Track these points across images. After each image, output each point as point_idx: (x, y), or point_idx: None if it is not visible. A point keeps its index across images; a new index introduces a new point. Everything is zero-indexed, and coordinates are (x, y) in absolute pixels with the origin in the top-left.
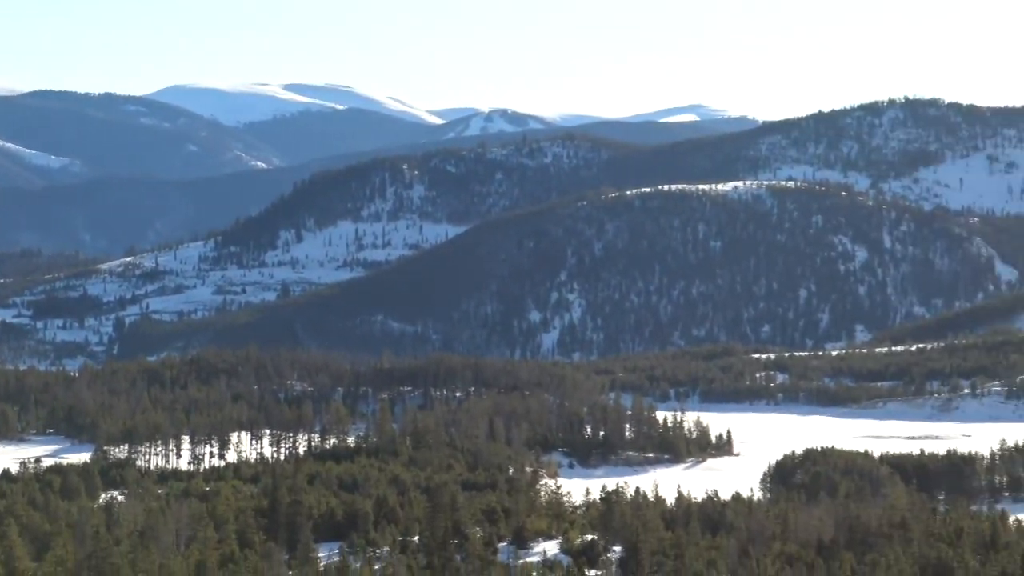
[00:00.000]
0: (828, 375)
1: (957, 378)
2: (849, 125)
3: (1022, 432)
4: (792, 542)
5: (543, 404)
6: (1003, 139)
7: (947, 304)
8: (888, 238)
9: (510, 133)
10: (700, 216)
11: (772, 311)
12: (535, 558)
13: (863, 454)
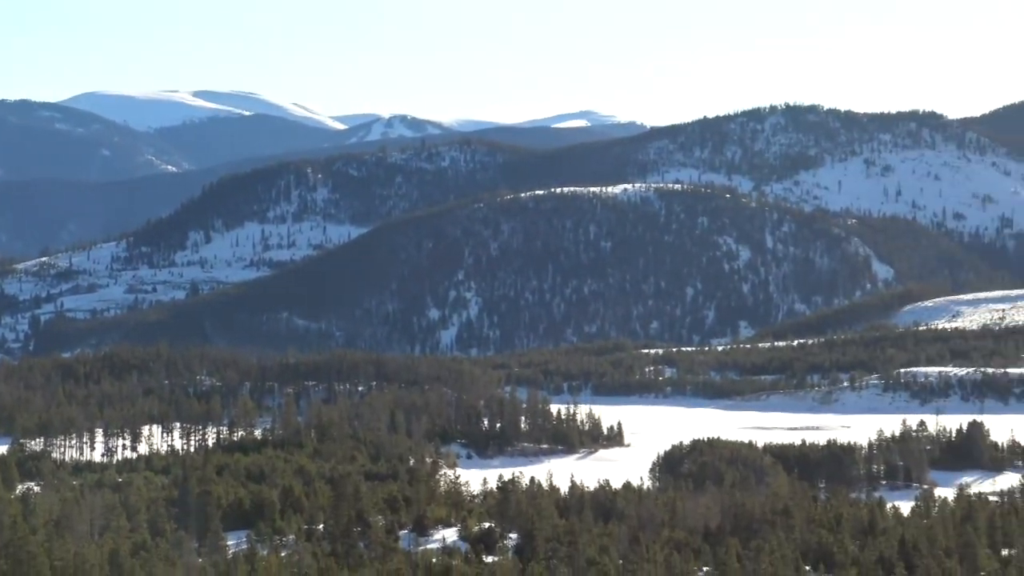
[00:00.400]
0: (714, 369)
1: (836, 372)
2: (733, 130)
3: (898, 423)
4: (680, 529)
5: (442, 398)
6: (879, 144)
7: (827, 301)
8: (770, 238)
9: (409, 138)
10: (591, 217)
11: (660, 308)
12: (435, 545)
13: (747, 445)
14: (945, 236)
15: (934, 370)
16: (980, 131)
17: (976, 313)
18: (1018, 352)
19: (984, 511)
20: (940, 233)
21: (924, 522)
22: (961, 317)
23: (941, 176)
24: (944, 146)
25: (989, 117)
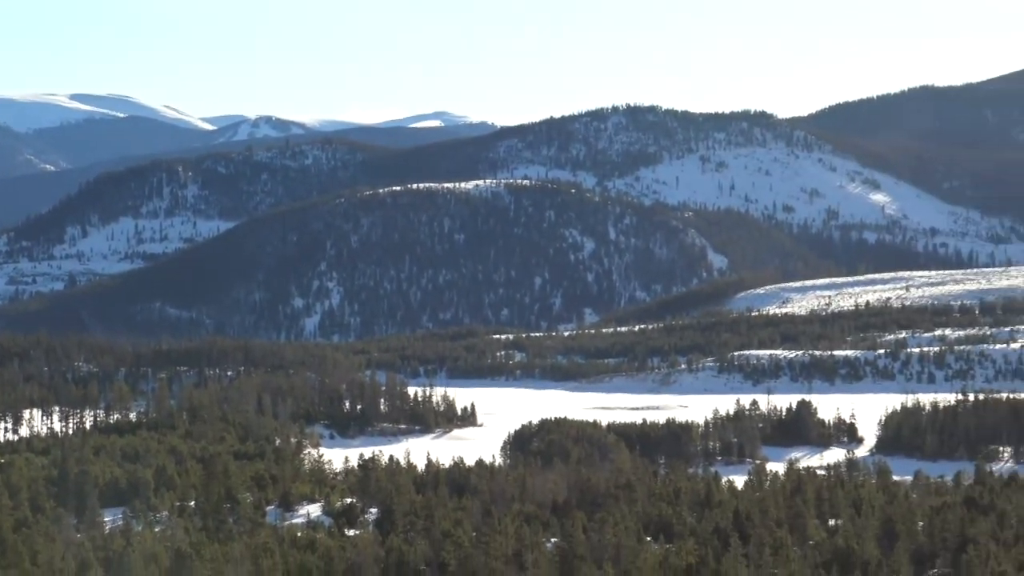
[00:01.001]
0: (561, 353)
1: (675, 355)
2: (577, 129)
3: (732, 402)
4: (530, 503)
5: (306, 381)
6: (714, 142)
7: (666, 289)
8: (613, 230)
9: (275, 138)
10: (445, 212)
11: (510, 296)
12: (300, 520)
13: (592, 423)
14: (775, 228)
15: (765, 353)
16: (807, 130)
17: (804, 299)
18: (843, 336)
19: (812, 484)
20: (771, 225)
21: (757, 495)
22: (790, 303)
23: (772, 172)
24: (774, 144)
25: (815, 117)
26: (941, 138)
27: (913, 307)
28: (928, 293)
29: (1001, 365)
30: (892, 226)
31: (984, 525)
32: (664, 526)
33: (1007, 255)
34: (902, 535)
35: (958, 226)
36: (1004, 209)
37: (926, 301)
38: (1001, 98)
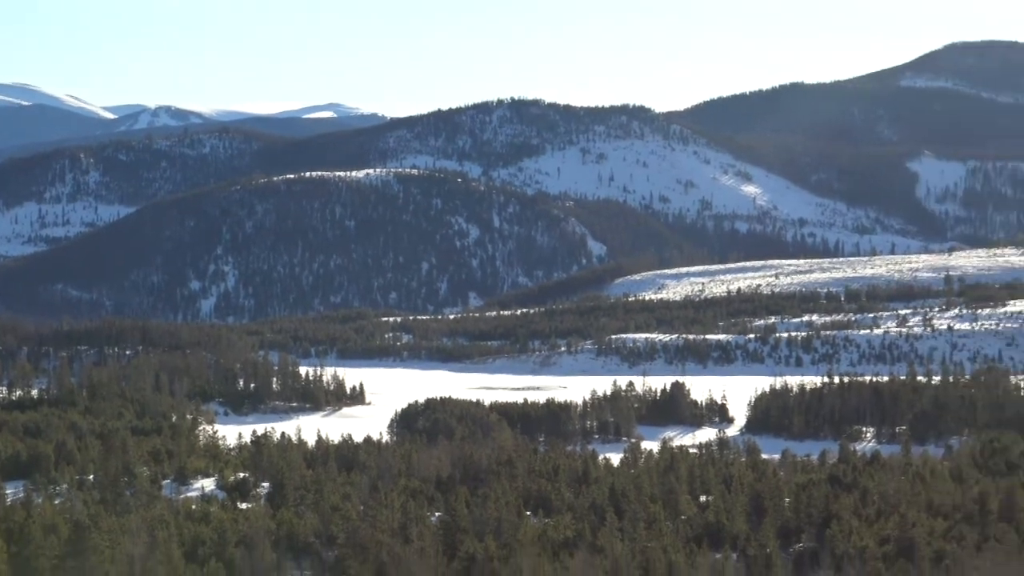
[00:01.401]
0: (446, 335)
1: (555, 338)
2: (464, 122)
3: (609, 383)
4: (415, 478)
5: (202, 361)
6: (594, 134)
7: (547, 275)
8: (497, 218)
9: (174, 127)
10: (337, 199)
11: (399, 281)
12: (195, 493)
13: (475, 403)
14: (652, 217)
15: (641, 336)
16: (683, 124)
17: (679, 286)
18: (715, 321)
19: (685, 462)
20: (648, 214)
21: (632, 472)
22: (666, 289)
23: (649, 164)
24: (651, 137)
25: (691, 111)
26: (810, 133)
27: (782, 294)
28: (796, 281)
29: (865, 349)
30: (763, 216)
31: (847, 501)
32: (543, 501)
33: (871, 245)
34: (770, 510)
35: (825, 217)
36: (869, 201)
37: (794, 288)
38: (867, 95)
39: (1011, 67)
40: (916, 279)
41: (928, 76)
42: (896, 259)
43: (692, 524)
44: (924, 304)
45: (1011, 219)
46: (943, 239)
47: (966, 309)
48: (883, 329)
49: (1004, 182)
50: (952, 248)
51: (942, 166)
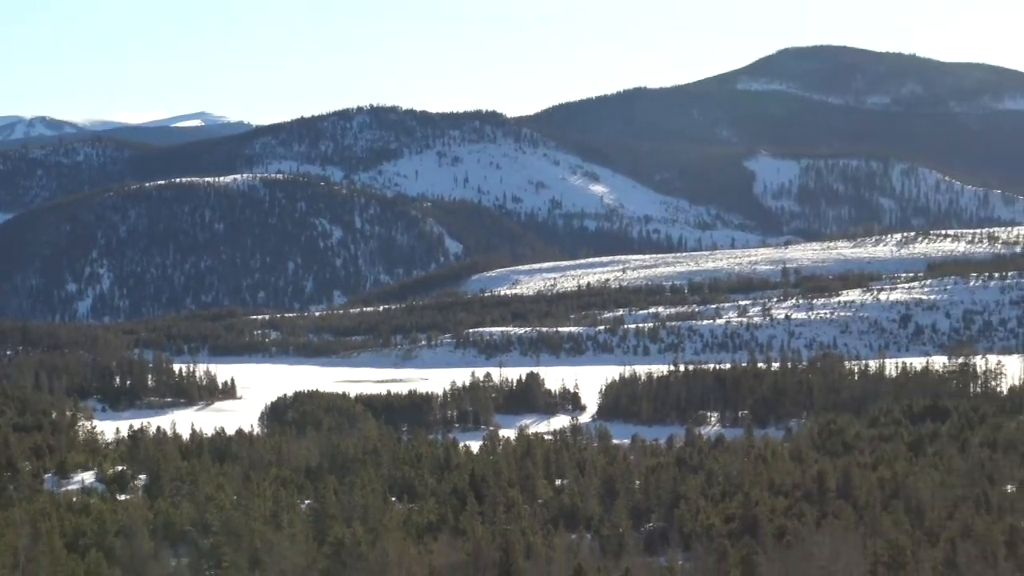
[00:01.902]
0: (312, 332)
1: (416, 332)
2: (326, 128)
3: (468, 375)
4: (286, 468)
5: (80, 359)
6: (450, 138)
7: (407, 272)
8: (359, 219)
9: (49, 136)
10: (206, 203)
11: (266, 280)
12: (75, 486)
13: (342, 395)
14: (506, 216)
15: (497, 329)
16: (533, 128)
17: (532, 281)
18: (567, 313)
19: (540, 448)
20: (502, 214)
21: (491, 458)
22: (520, 285)
23: (502, 166)
24: (504, 140)
25: (541, 116)
26: (654, 135)
27: (629, 287)
28: (643, 275)
29: (708, 339)
30: (610, 214)
31: (694, 483)
32: (407, 487)
33: (712, 240)
34: (621, 493)
35: (669, 214)
36: (709, 198)
37: (641, 282)
38: (706, 98)
39: (841, 70)
40: (755, 272)
41: (763, 80)
42: (736, 253)
43: (548, 507)
44: (763, 295)
45: (843, 214)
46: (779, 233)
47: (802, 299)
48: (725, 319)
49: (836, 179)
50: (788, 242)
51: (777, 164)
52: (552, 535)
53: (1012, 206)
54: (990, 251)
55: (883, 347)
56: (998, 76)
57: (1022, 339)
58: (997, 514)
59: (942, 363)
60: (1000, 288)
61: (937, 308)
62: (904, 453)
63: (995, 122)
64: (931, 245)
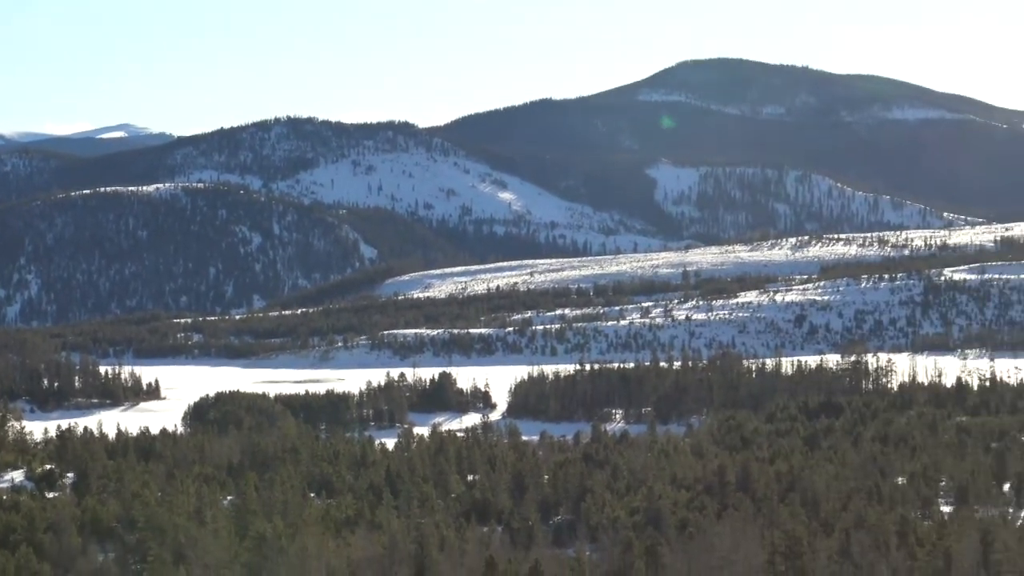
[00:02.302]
0: (233, 334)
1: (332, 334)
2: (245, 138)
3: (383, 375)
4: (208, 465)
5: (9, 362)
6: (364, 148)
7: (324, 277)
8: (277, 226)
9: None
10: (130, 212)
11: (189, 285)
12: (5, 484)
13: (262, 395)
14: (418, 223)
15: (411, 331)
16: (444, 137)
17: (444, 285)
18: (478, 316)
19: (453, 445)
20: (414, 220)
21: (405, 455)
22: (432, 288)
23: (414, 174)
24: (416, 150)
25: (451, 126)
26: (559, 143)
27: (537, 290)
28: (550, 278)
29: (612, 339)
30: (518, 220)
31: (600, 477)
32: (325, 483)
33: (616, 245)
34: (530, 487)
35: (574, 220)
36: (613, 205)
37: (548, 285)
38: (609, 109)
39: (737, 81)
40: (657, 275)
41: (663, 91)
42: (638, 257)
43: (461, 501)
44: (664, 297)
45: (740, 219)
46: (680, 238)
47: (702, 301)
48: (628, 320)
49: (733, 186)
50: (688, 246)
51: (677, 172)
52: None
53: (901, 211)
54: (880, 254)
55: (779, 346)
56: (887, 87)
57: (911, 338)
58: (888, 505)
59: (835, 361)
60: (890, 289)
61: (830, 309)
62: (800, 447)
63: (884, 131)
64: (824, 249)
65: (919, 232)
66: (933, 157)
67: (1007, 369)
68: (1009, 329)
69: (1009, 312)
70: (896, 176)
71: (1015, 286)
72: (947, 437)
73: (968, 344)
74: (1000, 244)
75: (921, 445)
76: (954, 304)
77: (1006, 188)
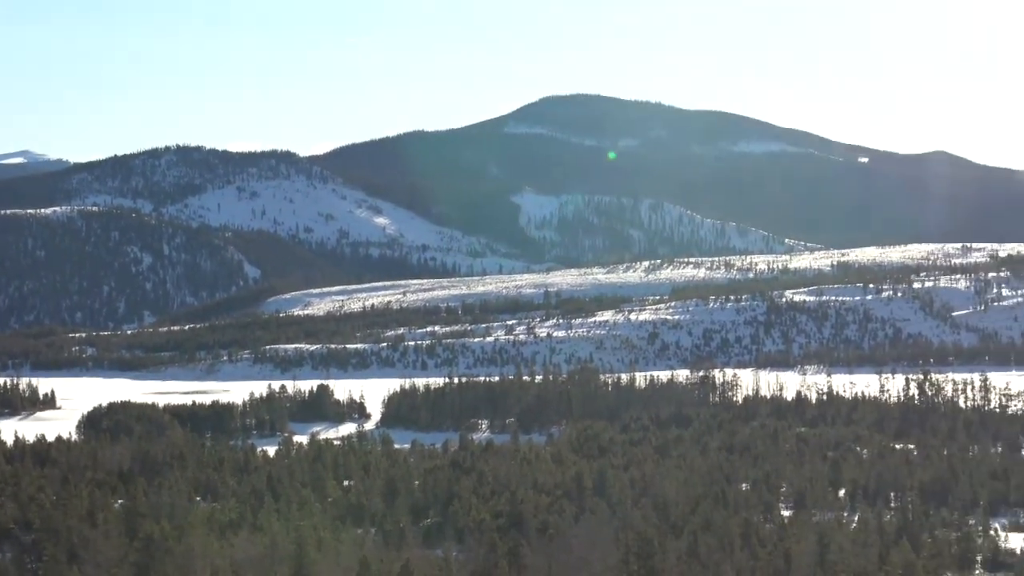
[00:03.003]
0: (125, 348)
1: (218, 348)
2: (137, 165)
3: (265, 387)
4: (101, 471)
5: None
6: (248, 175)
7: (210, 295)
8: (167, 247)
9: None
10: (29, 233)
11: (83, 302)
12: None
13: (151, 406)
14: (299, 245)
15: (291, 346)
16: (323, 166)
17: (322, 303)
18: (354, 332)
19: (330, 452)
20: (295, 242)
21: (286, 461)
22: (311, 306)
23: (295, 200)
24: (297, 177)
25: (330, 155)
26: (431, 172)
27: (409, 309)
28: (421, 297)
29: (479, 354)
30: (392, 243)
31: (467, 482)
32: (211, 488)
33: (483, 267)
34: (402, 491)
35: (444, 243)
36: (480, 229)
37: (419, 304)
38: (477, 140)
39: (594, 116)
40: (520, 295)
41: (527, 124)
42: (503, 278)
43: (337, 504)
44: (527, 316)
45: (597, 243)
46: (542, 261)
47: (562, 319)
48: (494, 337)
49: (591, 213)
50: (549, 268)
51: (540, 199)
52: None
53: (746, 237)
54: (727, 277)
55: (633, 361)
56: (733, 122)
57: (755, 354)
58: (733, 509)
59: (685, 376)
60: (736, 310)
61: (680, 327)
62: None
63: (731, 162)
64: (675, 272)
65: (762, 257)
66: (776, 187)
67: (842, 384)
68: (844, 347)
69: (844, 331)
70: (742, 204)
71: (850, 307)
72: (787, 446)
73: (807, 360)
74: (836, 268)
75: (763, 454)
76: (794, 323)
77: (842, 216)
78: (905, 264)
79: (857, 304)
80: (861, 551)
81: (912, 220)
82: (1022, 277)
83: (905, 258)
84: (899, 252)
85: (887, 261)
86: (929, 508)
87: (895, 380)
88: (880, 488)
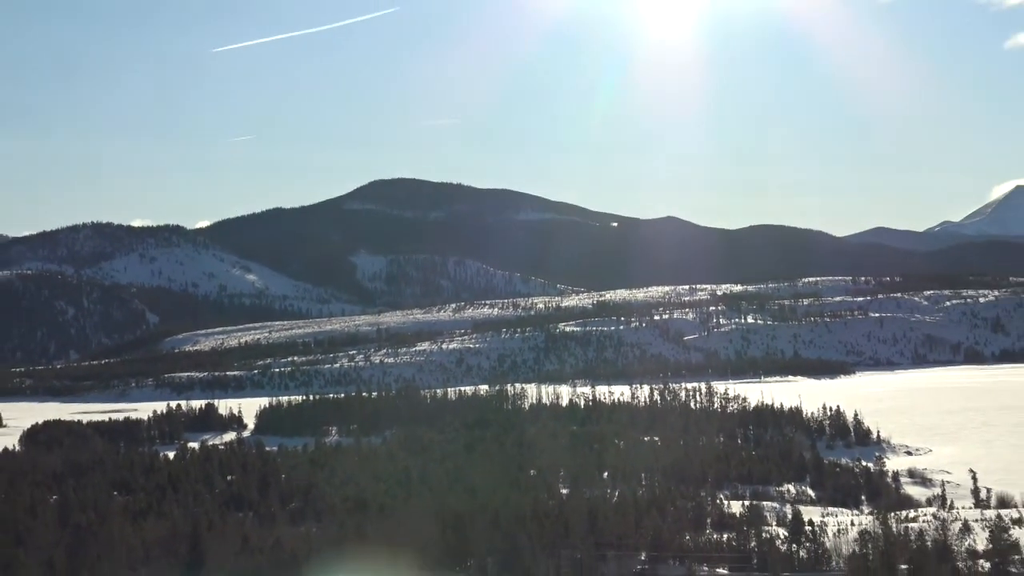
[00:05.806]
0: (55, 378)
1: (128, 377)
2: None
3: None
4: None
5: None
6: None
7: (121, 337)
8: (87, 301)
9: None
10: None
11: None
12: None
13: (78, 422)
14: (188, 297)
15: (185, 374)
16: (206, 236)
17: (208, 341)
18: (232, 362)
19: (217, 455)
20: (185, 295)
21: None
22: (199, 343)
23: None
24: (185, 245)
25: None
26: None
27: (274, 344)
28: (283, 335)
29: (329, 377)
30: (260, 294)
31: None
32: (125, 485)
33: (330, 311)
34: (272, 483)
35: (300, 293)
36: (327, 282)
37: (282, 340)
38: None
39: (412, 196)
40: (359, 331)
41: (360, 201)
42: (346, 319)
43: (223, 495)
44: (364, 347)
45: (417, 291)
46: (375, 305)
47: (391, 349)
48: (340, 364)
49: (411, 268)
50: (380, 311)
51: (372, 259)
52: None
53: (528, 284)
54: (515, 314)
55: (446, 380)
56: (516, 197)
57: (537, 372)
58: (525, 490)
59: (485, 390)
60: (522, 339)
61: (481, 353)
62: (462, 451)
63: (515, 228)
64: (476, 311)
65: (541, 298)
66: (549, 246)
67: (603, 393)
68: (603, 365)
69: (604, 353)
70: (524, 259)
71: (607, 335)
72: (563, 441)
73: (576, 376)
74: (596, 306)
75: (546, 447)
76: (566, 348)
77: (599, 267)
78: (647, 301)
79: (613, 332)
80: (621, 519)
81: (653, 269)
82: (735, 310)
83: (648, 297)
84: (643, 293)
85: (635, 299)
86: (671, 484)
87: (642, 389)
88: (634, 470)
